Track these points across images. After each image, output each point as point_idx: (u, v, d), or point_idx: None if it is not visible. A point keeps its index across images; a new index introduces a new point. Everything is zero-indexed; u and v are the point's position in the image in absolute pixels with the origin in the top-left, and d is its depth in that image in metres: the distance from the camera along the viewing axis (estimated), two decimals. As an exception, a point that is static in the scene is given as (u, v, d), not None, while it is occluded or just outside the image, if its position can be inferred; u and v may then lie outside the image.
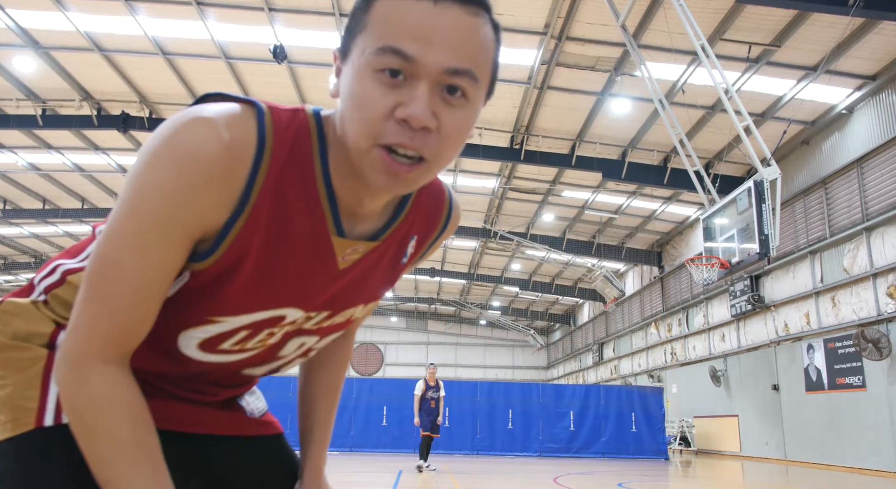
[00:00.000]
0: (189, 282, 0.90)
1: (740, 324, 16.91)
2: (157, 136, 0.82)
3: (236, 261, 0.87)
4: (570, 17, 11.35)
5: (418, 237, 1.05)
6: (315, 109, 0.92)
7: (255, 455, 1.14)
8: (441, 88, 0.79)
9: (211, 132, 0.81)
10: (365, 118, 0.79)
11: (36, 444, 0.89)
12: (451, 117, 0.80)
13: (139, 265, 0.82)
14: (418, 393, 11.13)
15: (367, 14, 0.81)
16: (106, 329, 0.83)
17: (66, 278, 0.99)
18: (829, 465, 12.91)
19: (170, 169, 0.80)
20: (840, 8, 9.57)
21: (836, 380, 12.97)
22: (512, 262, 26.06)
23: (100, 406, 0.82)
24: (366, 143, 0.80)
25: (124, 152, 17.31)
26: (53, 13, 11.68)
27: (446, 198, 1.09)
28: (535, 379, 36.59)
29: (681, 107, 12.96)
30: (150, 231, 0.81)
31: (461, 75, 0.79)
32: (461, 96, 0.81)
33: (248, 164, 0.83)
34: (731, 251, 11.37)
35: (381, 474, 10.30)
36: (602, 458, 16.11)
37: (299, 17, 11.82)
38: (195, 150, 0.80)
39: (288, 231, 0.88)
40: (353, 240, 0.93)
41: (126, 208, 0.82)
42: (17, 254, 26.29)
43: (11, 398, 0.92)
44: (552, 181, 17.90)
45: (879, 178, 12.04)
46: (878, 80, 11.93)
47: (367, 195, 0.90)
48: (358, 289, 1.01)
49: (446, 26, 0.78)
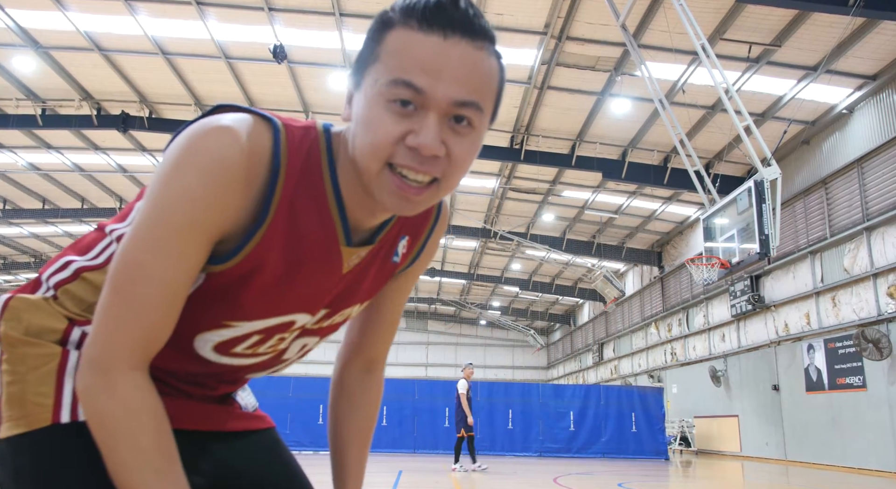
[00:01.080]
0: (203, 284, 0.93)
1: (740, 324, 16.91)
2: (178, 145, 0.86)
3: (253, 268, 0.91)
4: (570, 16, 11.35)
5: (409, 237, 1.09)
6: (325, 126, 0.96)
7: (254, 448, 1.17)
8: (449, 118, 0.84)
9: (232, 140, 0.85)
10: (375, 142, 0.84)
11: (52, 440, 0.90)
12: (459, 144, 0.85)
13: (165, 267, 0.85)
14: (464, 391, 10.64)
15: (379, 45, 0.85)
16: (132, 333, 0.85)
17: (80, 275, 1.00)
18: (829, 465, 12.91)
19: (194, 174, 0.84)
20: (840, 8, 9.56)
21: (836, 380, 12.96)
22: (512, 262, 26.06)
23: (125, 412, 0.83)
24: (376, 165, 0.85)
25: (124, 152, 17.31)
26: (53, 13, 11.68)
27: None
28: (535, 379, 36.59)
29: (681, 107, 12.96)
30: (176, 235, 0.84)
31: (467, 106, 0.84)
32: (467, 125, 0.86)
33: (266, 174, 0.88)
34: (731, 251, 11.36)
35: (381, 474, 10.29)
36: (602, 458, 16.11)
37: (299, 17, 11.82)
38: (218, 157, 0.84)
39: (302, 241, 0.93)
40: (357, 247, 0.99)
41: (152, 214, 0.85)
42: (17, 255, 26.30)
43: (25, 394, 0.92)
44: (552, 181, 17.90)
45: (880, 178, 12.04)
46: (879, 80, 11.93)
47: (377, 209, 0.95)
48: (355, 290, 1.06)
49: (455, 61, 0.82)
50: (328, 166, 0.93)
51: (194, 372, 1.04)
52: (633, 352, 24.54)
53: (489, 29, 0.86)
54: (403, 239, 1.08)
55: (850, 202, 12.79)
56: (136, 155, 17.44)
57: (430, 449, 16.14)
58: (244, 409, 1.20)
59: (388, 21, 0.85)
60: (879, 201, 12.01)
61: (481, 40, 0.85)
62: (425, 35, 0.82)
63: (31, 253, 26.09)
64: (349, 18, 11.78)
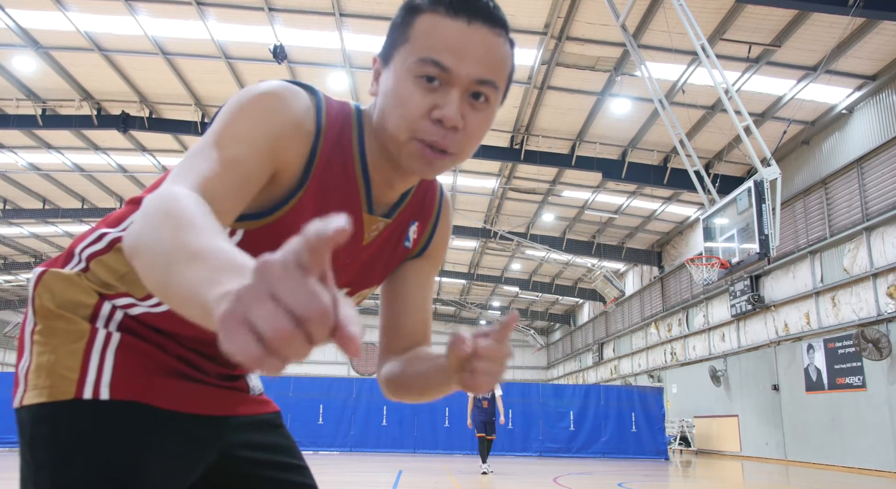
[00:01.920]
0: (241, 240, 0.99)
1: (740, 324, 16.91)
2: (241, 95, 0.94)
3: (288, 225, 0.97)
4: (570, 16, 11.35)
5: (418, 222, 1.18)
6: (356, 104, 1.07)
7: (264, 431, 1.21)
8: (468, 94, 0.95)
9: (290, 92, 0.96)
10: (405, 115, 0.94)
11: (72, 414, 0.96)
12: (476, 118, 0.97)
13: (234, 144, 0.89)
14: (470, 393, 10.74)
15: (409, 28, 0.95)
16: (197, 177, 0.84)
17: (114, 245, 1.05)
18: (829, 465, 12.91)
19: (260, 113, 0.92)
20: (840, 8, 9.57)
21: (836, 380, 12.97)
22: (512, 262, 26.06)
23: (168, 201, 0.73)
24: (405, 135, 0.95)
25: (124, 152, 17.31)
26: (53, 13, 11.68)
27: (437, 188, 1.23)
28: (535, 379, 36.58)
29: (681, 107, 12.96)
30: (258, 132, 0.91)
31: (486, 84, 0.95)
32: (484, 101, 0.97)
33: (312, 133, 0.98)
34: (731, 251, 11.37)
35: (381, 474, 10.30)
36: (602, 458, 16.11)
37: (299, 17, 11.82)
38: (282, 102, 0.94)
39: (330, 202, 1.00)
40: (378, 217, 1.08)
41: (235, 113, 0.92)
42: (17, 255, 26.28)
43: (54, 366, 0.98)
44: (552, 181, 17.90)
45: (879, 178, 12.04)
46: (878, 80, 11.93)
47: (398, 178, 1.05)
48: (372, 269, 1.14)
49: (477, 44, 0.93)
50: (357, 136, 1.03)
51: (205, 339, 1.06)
52: (633, 352, 24.54)
53: (505, 19, 0.97)
54: (414, 224, 1.17)
55: (849, 202, 12.79)
56: (137, 155, 17.44)
57: (430, 449, 16.14)
58: (253, 392, 1.22)
59: (417, 7, 0.96)
60: (879, 201, 12.02)
61: (500, 28, 0.96)
62: (452, 20, 0.93)
63: (32, 253, 26.07)
64: (349, 19, 11.79)
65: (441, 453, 15.84)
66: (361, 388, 16.58)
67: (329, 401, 16.12)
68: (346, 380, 17.81)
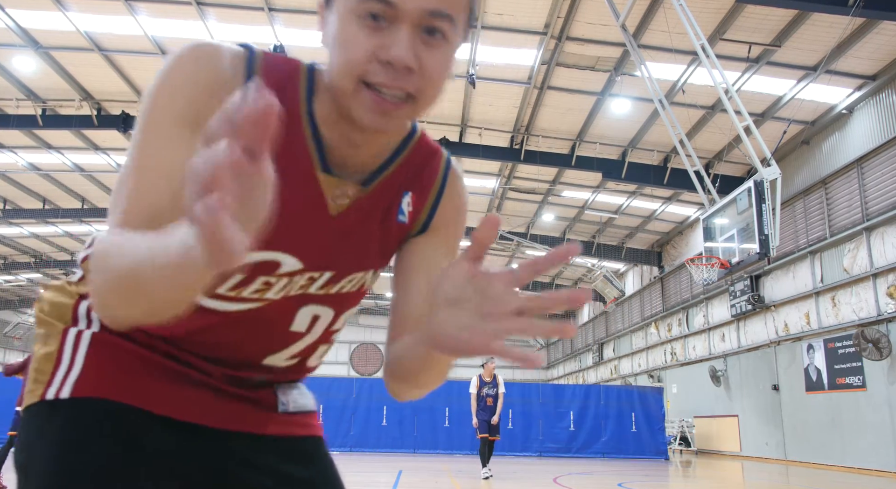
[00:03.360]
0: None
1: (740, 324, 16.91)
2: (166, 59, 0.90)
3: None
4: (570, 17, 11.35)
5: (413, 194, 1.04)
6: (312, 62, 0.98)
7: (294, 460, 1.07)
8: (421, 30, 0.83)
9: (211, 48, 0.89)
10: (349, 60, 0.83)
11: (37, 416, 0.95)
12: (432, 57, 0.84)
13: (157, 147, 0.85)
14: (473, 390, 10.24)
15: None
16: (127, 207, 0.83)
17: None
18: (829, 465, 12.91)
19: (179, 74, 0.86)
20: (840, 8, 9.57)
21: (836, 380, 12.97)
22: (512, 262, 26.08)
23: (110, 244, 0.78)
24: (351, 83, 0.83)
25: (124, 152, 17.22)
26: (53, 13, 11.68)
27: (442, 157, 1.08)
28: (535, 379, 36.58)
29: (681, 107, 12.96)
30: (166, 120, 0.85)
31: (440, 17, 0.82)
32: (441, 37, 0.84)
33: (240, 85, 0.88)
34: (731, 251, 11.37)
35: (381, 474, 10.30)
36: (602, 458, 16.11)
37: (299, 17, 11.82)
38: (199, 60, 0.87)
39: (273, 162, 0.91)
40: (341, 179, 0.95)
41: (146, 109, 0.87)
42: (17, 255, 26.28)
43: (35, 371, 0.98)
44: (552, 181, 17.90)
45: (879, 178, 12.04)
46: (878, 80, 11.94)
47: (360, 137, 0.92)
48: (358, 246, 1.00)
49: None
50: (305, 91, 0.93)
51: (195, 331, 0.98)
52: (632, 352, 24.54)
53: None
54: (406, 195, 1.03)
55: (849, 202, 12.80)
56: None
57: (430, 449, 16.14)
58: (283, 410, 1.09)
59: None
60: (879, 201, 12.02)
61: None
62: None
63: (32, 253, 26.07)
64: (349, 18, 11.78)
65: (441, 453, 15.84)
66: (361, 388, 16.59)
67: (329, 401, 16.11)
68: (347, 380, 17.82)
